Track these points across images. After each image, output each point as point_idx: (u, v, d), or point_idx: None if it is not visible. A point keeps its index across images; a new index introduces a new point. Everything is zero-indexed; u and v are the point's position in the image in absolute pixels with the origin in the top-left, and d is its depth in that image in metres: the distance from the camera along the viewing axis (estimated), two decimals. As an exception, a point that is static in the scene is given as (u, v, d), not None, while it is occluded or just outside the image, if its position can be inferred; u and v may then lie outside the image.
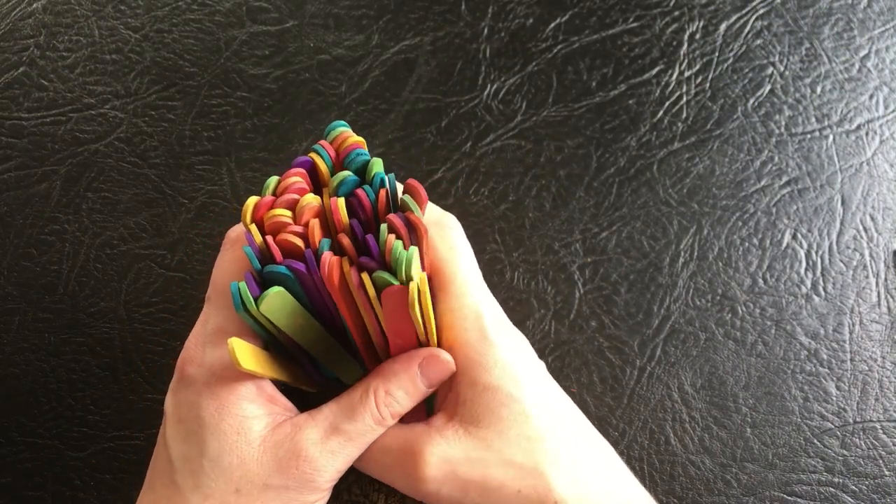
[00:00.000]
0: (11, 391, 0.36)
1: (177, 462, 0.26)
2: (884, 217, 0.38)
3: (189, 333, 0.28)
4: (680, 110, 0.40)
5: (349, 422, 0.26)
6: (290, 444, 0.26)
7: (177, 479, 0.26)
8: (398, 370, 0.27)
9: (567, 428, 0.28)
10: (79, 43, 0.42)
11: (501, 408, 0.27)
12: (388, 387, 0.27)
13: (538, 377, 0.28)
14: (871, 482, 0.34)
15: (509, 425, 0.27)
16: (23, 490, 0.35)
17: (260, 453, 0.26)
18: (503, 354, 0.27)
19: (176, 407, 0.27)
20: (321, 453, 0.26)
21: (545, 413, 0.27)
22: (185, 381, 0.27)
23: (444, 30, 0.42)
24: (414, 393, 0.27)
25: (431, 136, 0.40)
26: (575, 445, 0.27)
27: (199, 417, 0.26)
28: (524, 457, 0.26)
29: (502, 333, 0.28)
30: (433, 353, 0.27)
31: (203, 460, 0.26)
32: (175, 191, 0.39)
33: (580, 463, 0.27)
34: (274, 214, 0.25)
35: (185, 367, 0.27)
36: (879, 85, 0.40)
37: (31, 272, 0.38)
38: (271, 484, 0.25)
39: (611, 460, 0.28)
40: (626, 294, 0.37)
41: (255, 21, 0.42)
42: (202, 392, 0.26)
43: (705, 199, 0.38)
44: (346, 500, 0.34)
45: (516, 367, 0.27)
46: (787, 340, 0.36)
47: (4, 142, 0.40)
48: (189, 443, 0.26)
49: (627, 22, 0.42)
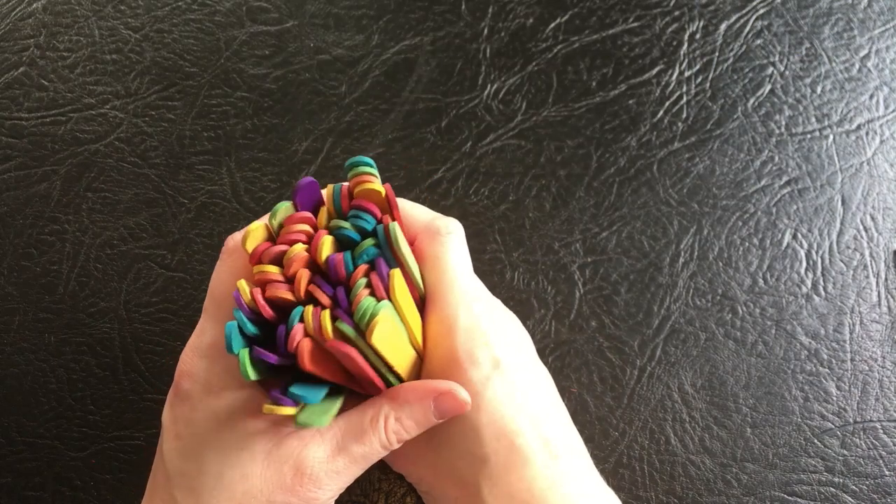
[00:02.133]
0: (11, 391, 0.36)
1: (175, 478, 0.26)
2: (884, 217, 0.38)
3: (190, 334, 0.28)
4: (680, 110, 0.40)
5: (356, 444, 0.26)
6: (296, 460, 0.25)
7: (176, 495, 0.26)
8: (413, 401, 0.26)
9: (515, 454, 0.27)
10: (79, 43, 0.42)
11: (452, 424, 0.27)
12: (399, 415, 0.26)
13: (504, 396, 0.27)
14: (872, 482, 0.34)
15: (459, 440, 0.27)
16: (23, 490, 0.35)
17: (263, 468, 0.25)
18: (466, 374, 0.27)
19: (173, 423, 0.27)
20: (326, 473, 0.25)
21: (497, 436, 0.27)
22: (181, 395, 0.27)
23: (444, 30, 0.42)
24: (424, 424, 0.27)
25: (431, 136, 0.40)
26: (520, 474, 0.27)
27: (197, 434, 0.26)
28: (468, 471, 0.27)
29: (474, 349, 0.27)
30: (452, 389, 0.27)
31: (203, 477, 0.25)
32: (175, 191, 0.39)
33: (517, 492, 0.26)
34: (262, 270, 0.25)
35: (182, 381, 0.27)
36: (879, 85, 0.40)
37: (31, 272, 0.38)
38: (274, 501, 0.25)
39: (561, 491, 0.27)
40: (626, 294, 0.37)
41: (255, 21, 0.42)
42: (198, 408, 0.26)
43: (705, 199, 0.38)
44: (346, 500, 0.34)
45: (479, 387, 0.27)
46: (787, 340, 0.36)
47: (4, 142, 0.40)
48: (187, 459, 0.26)
49: (627, 22, 0.42)
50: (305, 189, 0.26)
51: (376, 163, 0.39)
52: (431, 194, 0.39)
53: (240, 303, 0.24)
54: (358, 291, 0.24)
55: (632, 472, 0.34)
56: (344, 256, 0.25)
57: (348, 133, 0.40)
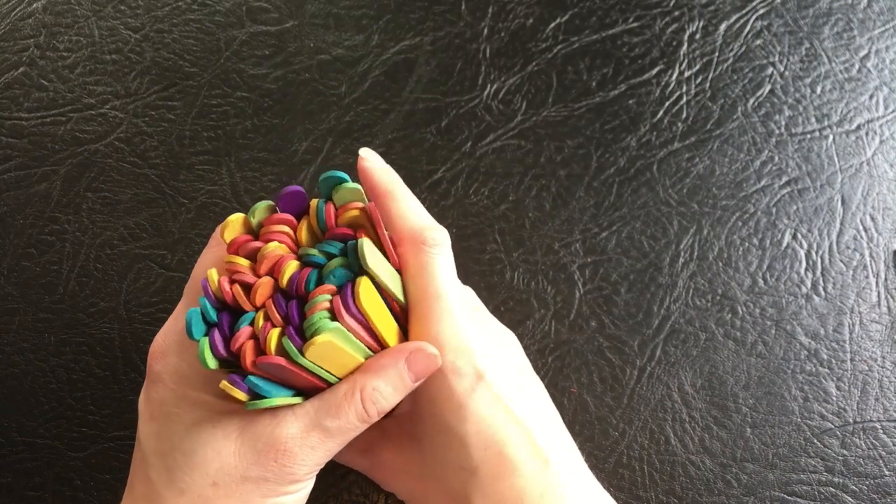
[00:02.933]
0: (11, 391, 0.36)
1: (151, 458, 0.26)
2: (884, 217, 0.38)
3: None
4: (680, 110, 0.40)
5: (331, 419, 0.26)
6: (270, 437, 0.25)
7: (151, 475, 0.26)
8: (385, 364, 0.26)
9: (504, 463, 0.27)
10: (79, 43, 0.42)
11: (439, 435, 0.27)
12: (375, 382, 0.26)
13: (488, 406, 0.27)
14: (871, 482, 0.34)
15: (446, 452, 0.27)
16: (23, 490, 0.35)
17: (238, 445, 0.25)
18: (451, 385, 0.27)
19: (147, 404, 0.27)
20: (301, 448, 0.25)
21: (484, 446, 0.27)
22: (152, 377, 0.27)
23: (444, 30, 0.42)
24: (401, 387, 0.27)
25: (431, 136, 0.40)
26: (510, 482, 0.27)
27: (171, 413, 0.26)
28: (457, 483, 0.27)
29: (457, 360, 0.27)
30: (420, 346, 0.27)
31: (177, 455, 0.26)
32: (175, 191, 0.39)
33: (509, 500, 0.26)
34: (232, 261, 0.25)
35: (153, 363, 0.27)
36: (879, 85, 0.40)
37: (31, 272, 0.38)
38: (249, 476, 0.25)
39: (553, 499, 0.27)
40: (626, 294, 0.37)
41: (255, 21, 0.42)
42: (171, 388, 0.26)
43: (705, 199, 0.38)
44: (346, 499, 0.34)
45: (463, 397, 0.27)
46: (787, 340, 0.36)
47: (4, 142, 0.40)
48: (160, 439, 0.26)
49: (627, 22, 0.42)
50: (290, 196, 0.26)
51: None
52: (431, 194, 0.39)
53: (206, 290, 0.25)
54: (314, 304, 0.24)
55: (632, 472, 0.34)
56: (308, 275, 0.25)
57: (348, 133, 0.40)
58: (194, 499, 0.25)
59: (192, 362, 0.27)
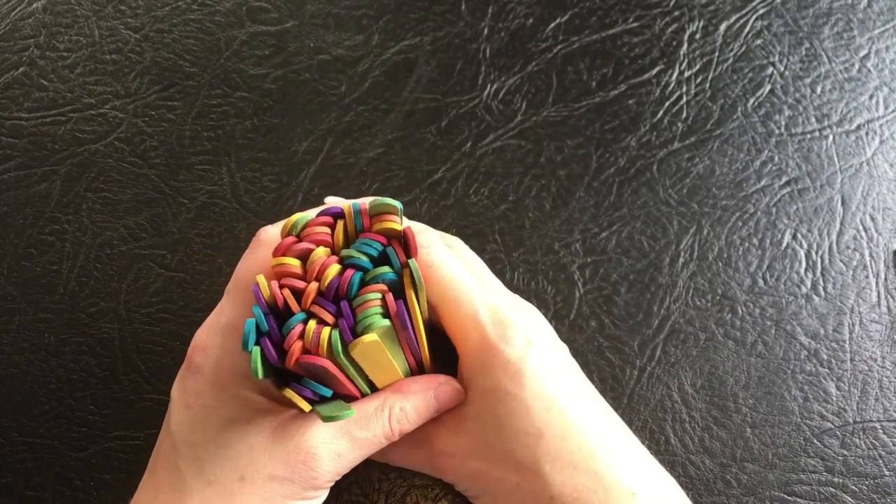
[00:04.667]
0: (11, 391, 0.36)
1: (182, 448, 0.26)
2: (884, 217, 0.38)
3: (190, 334, 0.28)
4: (680, 110, 0.40)
5: (360, 430, 0.27)
6: (301, 438, 0.26)
7: (180, 464, 0.26)
8: (416, 391, 0.28)
9: (570, 421, 0.27)
10: (79, 43, 0.42)
11: (498, 405, 0.27)
12: (403, 403, 0.28)
13: (543, 370, 0.28)
14: (871, 482, 0.34)
15: (507, 421, 0.27)
16: (23, 490, 0.35)
17: (269, 443, 0.26)
18: (503, 354, 0.28)
19: (183, 394, 0.27)
20: (328, 453, 0.26)
21: (546, 407, 0.27)
22: (192, 368, 0.27)
23: (444, 30, 0.42)
24: (425, 413, 0.28)
25: (431, 136, 0.40)
26: (576, 440, 0.27)
27: (206, 405, 0.26)
28: (522, 452, 0.27)
29: (504, 331, 0.28)
30: (451, 381, 0.29)
31: (209, 446, 0.26)
32: (175, 191, 0.39)
33: (579, 459, 0.27)
34: (280, 262, 0.25)
35: (195, 355, 0.27)
36: (879, 85, 0.40)
37: (31, 272, 0.38)
38: (276, 475, 0.26)
39: (616, 451, 0.28)
40: (626, 294, 0.37)
41: (255, 21, 0.42)
42: (210, 381, 0.27)
43: (705, 199, 0.38)
44: (346, 499, 0.34)
45: (517, 364, 0.27)
46: (787, 340, 0.36)
47: (4, 142, 0.40)
48: (194, 429, 0.26)
49: (627, 22, 0.42)
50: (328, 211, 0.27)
51: (376, 163, 0.39)
52: (431, 194, 0.39)
53: (258, 296, 0.25)
54: (366, 300, 0.24)
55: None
56: (352, 277, 0.25)
57: (348, 133, 0.40)
58: (220, 491, 0.25)
59: (233, 358, 0.27)
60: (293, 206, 0.39)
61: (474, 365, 0.28)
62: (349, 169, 0.39)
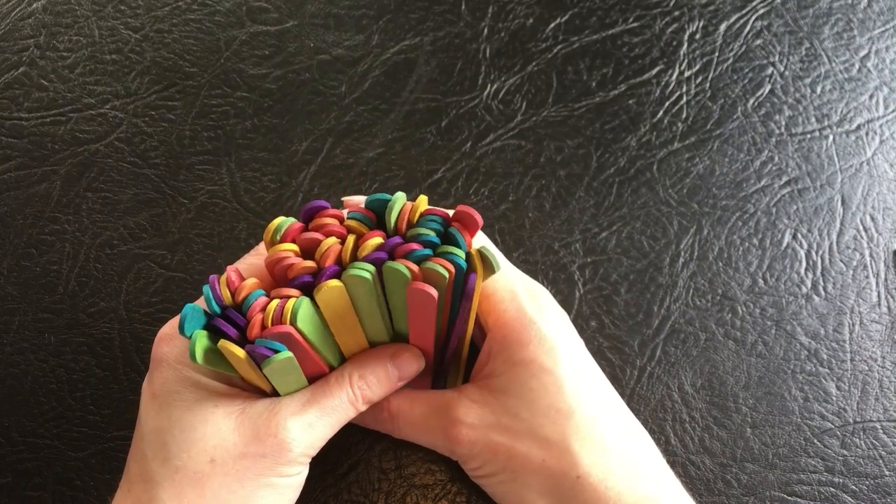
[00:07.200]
0: (11, 391, 0.36)
1: (148, 436, 0.26)
2: (884, 217, 0.38)
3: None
4: (680, 110, 0.40)
5: (324, 397, 0.27)
6: (269, 414, 0.26)
7: (147, 452, 0.26)
8: (370, 357, 0.28)
9: (599, 404, 0.28)
10: (79, 43, 0.42)
11: (532, 379, 0.27)
12: (361, 371, 0.28)
13: (574, 352, 0.28)
14: (871, 482, 0.34)
15: (540, 395, 0.27)
16: (23, 490, 0.35)
17: (238, 423, 0.26)
18: (540, 329, 0.28)
19: (149, 384, 0.27)
20: (297, 423, 0.26)
21: (578, 387, 0.27)
22: (156, 359, 0.27)
23: (444, 30, 0.42)
24: (385, 381, 0.28)
25: (431, 136, 0.40)
26: (605, 422, 0.27)
27: (172, 392, 0.26)
28: (552, 429, 0.27)
29: (540, 308, 0.28)
30: (404, 347, 0.29)
31: (175, 430, 0.26)
32: (175, 191, 0.39)
33: (608, 440, 0.27)
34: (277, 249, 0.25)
35: (159, 347, 0.27)
36: (879, 85, 0.40)
37: (31, 272, 0.38)
38: (247, 453, 0.26)
39: (640, 441, 0.29)
40: (626, 294, 0.37)
41: (255, 21, 0.42)
42: (175, 369, 0.27)
43: (705, 199, 0.38)
44: (346, 499, 0.34)
45: (553, 341, 0.28)
46: (787, 340, 0.36)
47: (4, 142, 0.40)
48: (160, 415, 0.26)
49: (627, 22, 0.42)
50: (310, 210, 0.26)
51: (376, 163, 0.39)
52: (431, 194, 0.39)
53: (213, 285, 0.25)
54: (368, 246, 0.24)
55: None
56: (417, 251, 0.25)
57: (348, 133, 0.40)
58: (189, 476, 0.25)
59: None
60: (293, 206, 0.39)
61: (509, 336, 0.28)
62: (349, 169, 0.39)
